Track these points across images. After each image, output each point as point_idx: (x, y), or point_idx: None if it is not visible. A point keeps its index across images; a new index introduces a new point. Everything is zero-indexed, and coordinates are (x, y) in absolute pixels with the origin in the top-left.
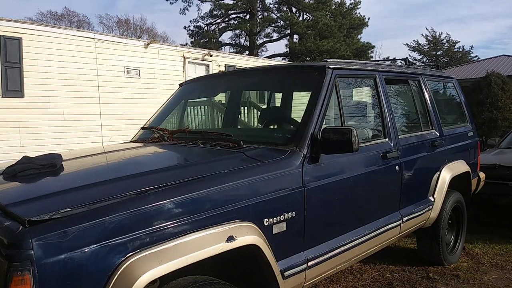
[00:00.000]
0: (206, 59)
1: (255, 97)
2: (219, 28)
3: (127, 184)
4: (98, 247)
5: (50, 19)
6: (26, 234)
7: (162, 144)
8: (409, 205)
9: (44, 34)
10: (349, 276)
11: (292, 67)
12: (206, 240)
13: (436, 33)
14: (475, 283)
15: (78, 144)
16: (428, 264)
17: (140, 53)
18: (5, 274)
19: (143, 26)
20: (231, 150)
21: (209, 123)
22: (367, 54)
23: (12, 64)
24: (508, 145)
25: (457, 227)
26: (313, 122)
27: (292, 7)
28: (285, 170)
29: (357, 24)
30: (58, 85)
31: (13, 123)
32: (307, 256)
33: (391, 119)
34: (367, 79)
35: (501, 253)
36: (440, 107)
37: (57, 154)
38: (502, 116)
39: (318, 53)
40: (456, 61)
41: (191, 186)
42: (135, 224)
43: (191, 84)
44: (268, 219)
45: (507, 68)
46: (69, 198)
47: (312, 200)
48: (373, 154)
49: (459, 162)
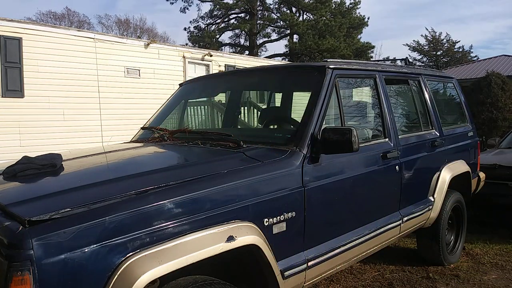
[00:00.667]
0: (206, 59)
1: (255, 97)
2: (219, 28)
3: (127, 184)
4: (98, 247)
5: (50, 19)
6: (26, 234)
7: (162, 144)
8: (409, 205)
9: (44, 34)
10: (349, 276)
11: (292, 67)
12: (206, 240)
13: (436, 33)
14: (475, 283)
15: (78, 144)
16: (428, 264)
17: (140, 53)
18: (5, 274)
19: (143, 26)
20: (231, 150)
21: (209, 123)
22: (367, 54)
23: (12, 64)
24: (508, 145)
25: (457, 227)
26: (313, 122)
27: (292, 7)
28: (285, 170)
29: (357, 23)
30: (58, 85)
31: (13, 123)
32: (307, 256)
33: (391, 119)
34: (367, 79)
35: (501, 253)
36: (440, 107)
37: (57, 154)
38: (502, 116)
39: (318, 52)
40: (456, 61)
41: (191, 186)
42: (135, 224)
43: (191, 84)
44: (268, 219)
45: (507, 68)
46: (69, 198)
47: (312, 200)
48: (373, 154)
49: (459, 162)
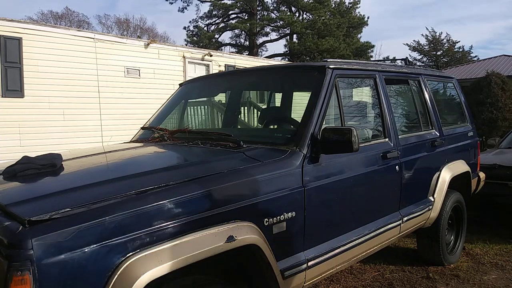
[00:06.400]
0: (206, 59)
1: (255, 97)
2: (219, 28)
3: (127, 184)
4: (98, 247)
5: (50, 19)
6: (26, 234)
7: (162, 144)
8: (409, 205)
9: (44, 34)
10: (349, 276)
11: (292, 67)
12: (206, 240)
13: (436, 33)
14: (475, 283)
15: (78, 144)
16: (428, 264)
17: (140, 53)
18: (5, 274)
19: (143, 26)
20: (231, 150)
21: (209, 123)
22: (367, 54)
23: (12, 64)
24: (508, 145)
25: (457, 227)
26: (313, 122)
27: (291, 6)
28: (285, 170)
29: (357, 23)
30: (58, 85)
31: (13, 123)
32: (307, 256)
33: (391, 119)
34: (367, 79)
35: (501, 253)
36: (440, 107)
37: (57, 154)
38: (502, 116)
39: (317, 52)
40: (456, 61)
41: (191, 186)
42: (135, 224)
43: (191, 84)
44: (268, 219)
45: (507, 68)
46: (69, 198)
47: (312, 200)
48: (373, 154)
49: (459, 162)
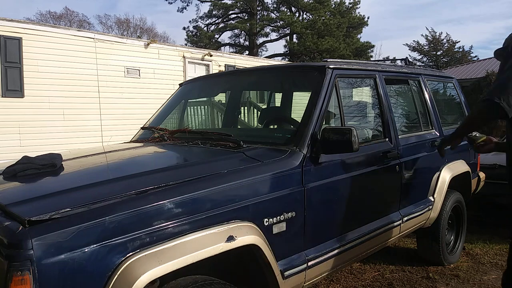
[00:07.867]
0: (206, 59)
1: (255, 97)
2: (218, 28)
3: (127, 184)
4: (98, 247)
5: (49, 19)
6: (26, 234)
7: (162, 144)
8: (409, 205)
9: (44, 34)
10: (349, 276)
11: (292, 67)
12: (206, 240)
13: (436, 33)
14: (475, 283)
15: (78, 144)
16: (428, 264)
17: (140, 53)
18: (5, 274)
19: (143, 26)
20: (231, 150)
21: (209, 123)
22: (366, 54)
23: (12, 64)
24: None
25: (457, 227)
26: (313, 122)
27: (291, 6)
28: (285, 170)
29: (357, 23)
30: (58, 85)
31: (13, 123)
32: (307, 256)
33: (391, 119)
34: (367, 79)
35: (501, 253)
36: (440, 107)
37: (57, 154)
38: None
39: (317, 52)
40: (456, 61)
41: (191, 186)
42: (135, 224)
43: (191, 84)
44: (268, 219)
45: None
46: (69, 198)
47: (312, 200)
48: (373, 154)
49: (459, 162)
